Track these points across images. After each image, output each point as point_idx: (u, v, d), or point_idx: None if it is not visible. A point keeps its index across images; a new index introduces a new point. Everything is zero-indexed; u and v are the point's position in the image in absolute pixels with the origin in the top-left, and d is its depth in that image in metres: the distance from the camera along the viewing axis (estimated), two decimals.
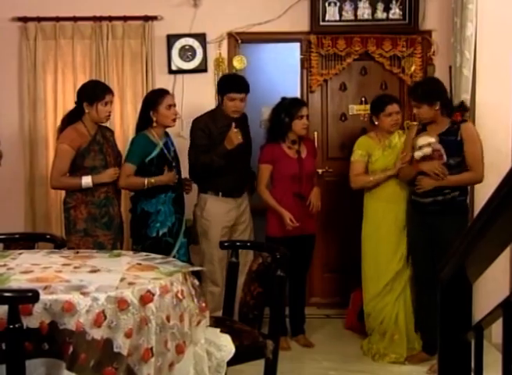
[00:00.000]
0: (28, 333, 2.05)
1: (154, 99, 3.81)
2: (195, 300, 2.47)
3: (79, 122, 3.69)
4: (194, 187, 4.11)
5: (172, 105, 3.81)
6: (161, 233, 3.75)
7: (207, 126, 3.95)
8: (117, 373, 2.09)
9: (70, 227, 3.70)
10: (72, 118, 3.73)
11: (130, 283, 2.26)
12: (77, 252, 2.96)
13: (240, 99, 3.95)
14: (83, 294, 2.13)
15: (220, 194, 4.02)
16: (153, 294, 2.22)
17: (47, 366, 2.10)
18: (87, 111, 3.67)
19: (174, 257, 3.43)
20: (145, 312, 2.18)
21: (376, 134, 4.00)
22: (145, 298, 2.20)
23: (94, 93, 3.68)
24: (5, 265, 2.57)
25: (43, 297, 2.06)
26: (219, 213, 4.01)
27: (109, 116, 3.80)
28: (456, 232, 3.48)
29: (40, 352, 2.08)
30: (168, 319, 2.27)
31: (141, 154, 3.77)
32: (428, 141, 3.59)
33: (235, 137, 3.82)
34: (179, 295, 2.34)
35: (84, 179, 3.64)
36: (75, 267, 2.54)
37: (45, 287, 2.18)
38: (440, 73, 4.76)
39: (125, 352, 2.11)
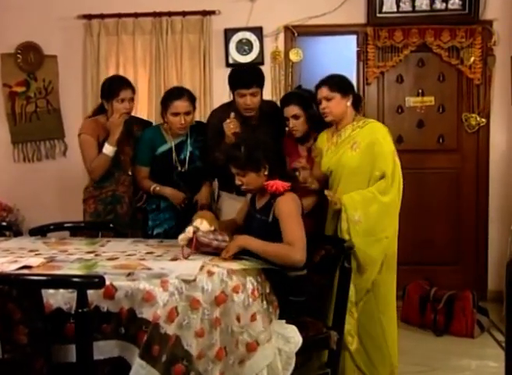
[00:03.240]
0: (108, 316, 2.15)
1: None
2: (267, 299, 2.50)
3: (102, 114, 3.58)
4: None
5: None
6: (155, 232, 3.56)
7: (220, 121, 3.47)
8: (187, 372, 2.13)
9: (84, 218, 3.64)
10: (97, 113, 3.63)
11: (209, 273, 2.33)
12: (161, 241, 3.09)
13: (250, 94, 3.40)
14: (164, 282, 2.20)
15: (235, 191, 3.53)
16: (226, 295, 2.27)
17: (120, 348, 2.17)
18: (106, 107, 3.53)
19: None
20: (217, 312, 2.24)
21: (332, 128, 3.25)
22: (218, 299, 2.25)
23: (108, 90, 3.52)
24: (93, 251, 2.73)
25: (125, 284, 2.16)
26: (229, 213, 3.49)
27: (129, 113, 3.57)
28: None
29: (116, 335, 2.17)
30: (239, 318, 2.31)
31: (147, 151, 3.57)
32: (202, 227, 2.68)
33: (227, 127, 3.36)
34: (254, 294, 2.38)
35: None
36: (157, 255, 2.66)
37: (128, 274, 2.27)
38: (501, 63, 4.71)
39: (195, 352, 2.16)
